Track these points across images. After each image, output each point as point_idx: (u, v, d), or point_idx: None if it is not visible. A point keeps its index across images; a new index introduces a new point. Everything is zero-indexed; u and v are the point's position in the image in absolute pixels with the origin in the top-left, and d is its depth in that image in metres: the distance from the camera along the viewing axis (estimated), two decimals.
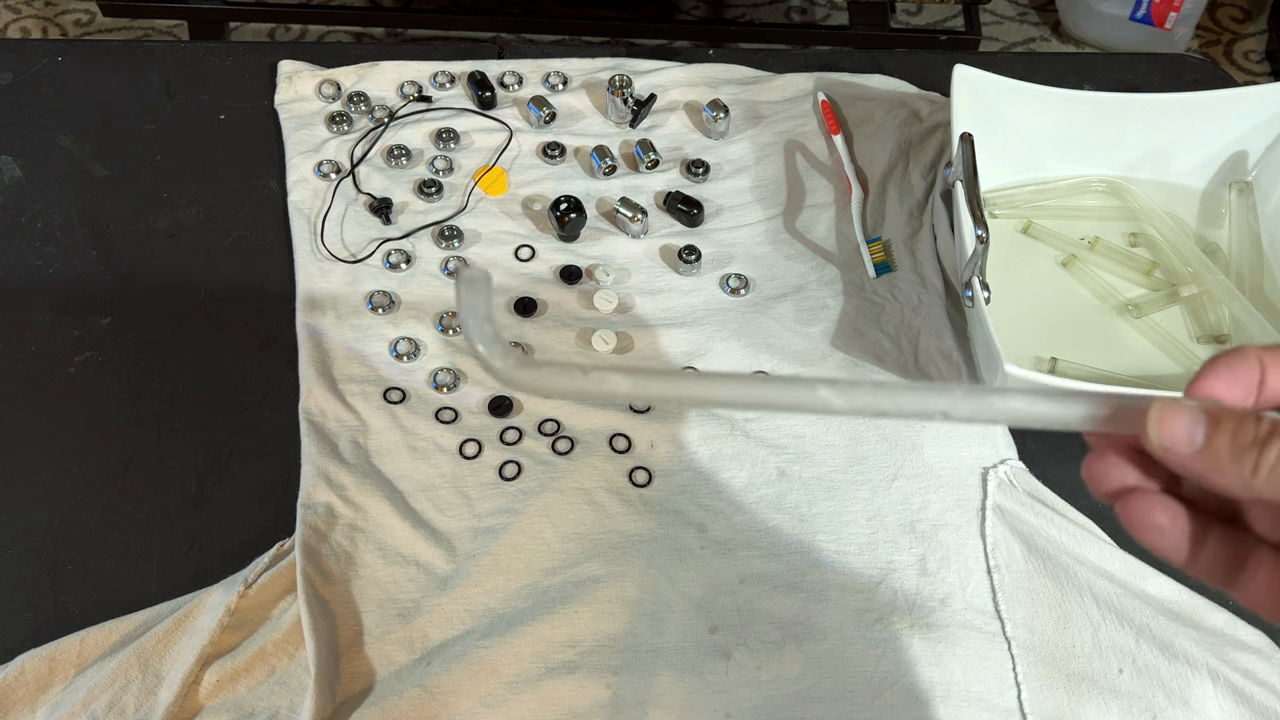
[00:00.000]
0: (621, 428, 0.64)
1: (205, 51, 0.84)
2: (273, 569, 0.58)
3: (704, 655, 0.56)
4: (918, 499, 0.61)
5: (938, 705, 0.54)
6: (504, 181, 0.76)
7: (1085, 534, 0.60)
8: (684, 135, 0.79)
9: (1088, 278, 0.70)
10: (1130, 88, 0.81)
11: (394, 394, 0.65)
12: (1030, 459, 0.64)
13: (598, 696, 0.55)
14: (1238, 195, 0.73)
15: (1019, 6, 1.85)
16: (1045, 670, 0.56)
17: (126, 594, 0.58)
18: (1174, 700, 0.55)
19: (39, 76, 0.82)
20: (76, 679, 0.55)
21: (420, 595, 0.58)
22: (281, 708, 0.54)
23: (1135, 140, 0.74)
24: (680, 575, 0.59)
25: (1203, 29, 1.80)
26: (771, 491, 0.62)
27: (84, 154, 0.77)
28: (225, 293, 0.71)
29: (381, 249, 0.72)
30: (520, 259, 0.72)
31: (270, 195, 0.75)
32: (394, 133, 0.78)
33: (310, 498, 0.61)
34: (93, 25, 1.79)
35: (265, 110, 0.80)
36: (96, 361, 0.68)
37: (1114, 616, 0.57)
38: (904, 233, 0.72)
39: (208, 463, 0.63)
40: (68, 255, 0.72)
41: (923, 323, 0.68)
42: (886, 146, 0.76)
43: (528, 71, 0.81)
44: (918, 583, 0.58)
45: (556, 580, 0.58)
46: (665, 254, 0.72)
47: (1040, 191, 0.74)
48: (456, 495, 0.61)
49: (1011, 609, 0.58)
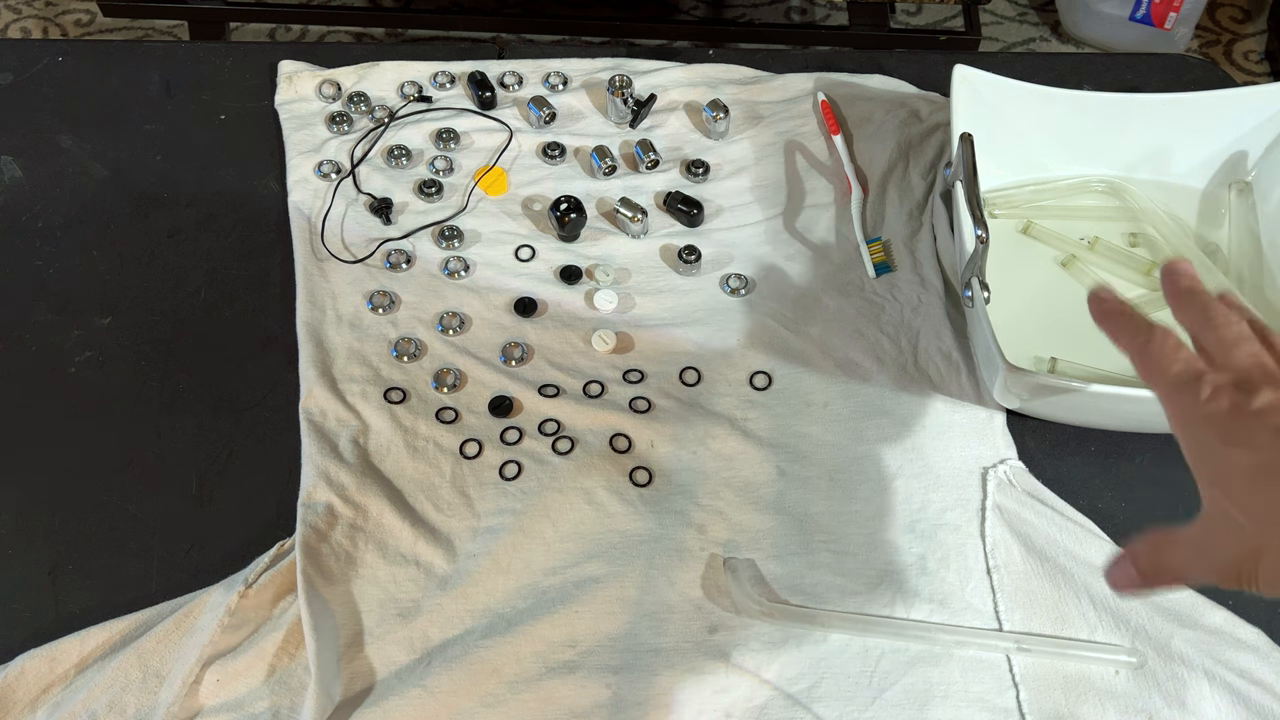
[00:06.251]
0: (622, 428, 0.64)
1: (205, 51, 0.84)
2: (273, 569, 0.58)
3: (704, 655, 0.56)
4: (918, 499, 0.61)
5: (937, 705, 0.55)
6: (504, 181, 0.76)
7: (1085, 533, 0.60)
8: (684, 135, 0.79)
9: (1087, 278, 0.71)
10: (1130, 88, 0.81)
11: (394, 394, 0.65)
12: (1030, 458, 0.64)
13: (598, 696, 0.55)
14: (1237, 195, 0.73)
15: (1019, 6, 1.85)
16: (1043, 671, 0.56)
17: (126, 594, 0.58)
18: (1170, 701, 0.55)
19: (39, 76, 0.82)
20: (76, 679, 0.55)
21: (420, 595, 0.58)
22: (281, 708, 0.54)
23: (1135, 140, 0.74)
24: (680, 575, 0.59)
25: (1202, 29, 1.80)
26: (771, 491, 0.62)
27: (84, 154, 0.78)
28: (225, 293, 0.71)
29: (382, 249, 0.72)
30: (520, 259, 0.72)
31: (270, 195, 0.75)
32: (394, 133, 0.78)
33: (310, 497, 0.61)
34: (93, 25, 1.79)
35: (265, 110, 0.80)
36: (96, 361, 0.68)
37: (1110, 618, 0.57)
38: (904, 233, 0.73)
39: (208, 463, 0.63)
40: (68, 255, 0.72)
41: (923, 323, 0.68)
42: (886, 146, 0.76)
43: (528, 71, 0.82)
44: (918, 583, 0.58)
45: (557, 580, 0.58)
46: (665, 254, 0.72)
47: (1040, 192, 0.74)
48: (457, 495, 0.61)
49: (1010, 609, 0.58)
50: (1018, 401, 0.63)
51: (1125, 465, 0.64)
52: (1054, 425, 0.65)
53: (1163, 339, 0.41)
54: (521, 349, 0.67)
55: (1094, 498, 0.62)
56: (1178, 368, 0.40)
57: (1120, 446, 0.65)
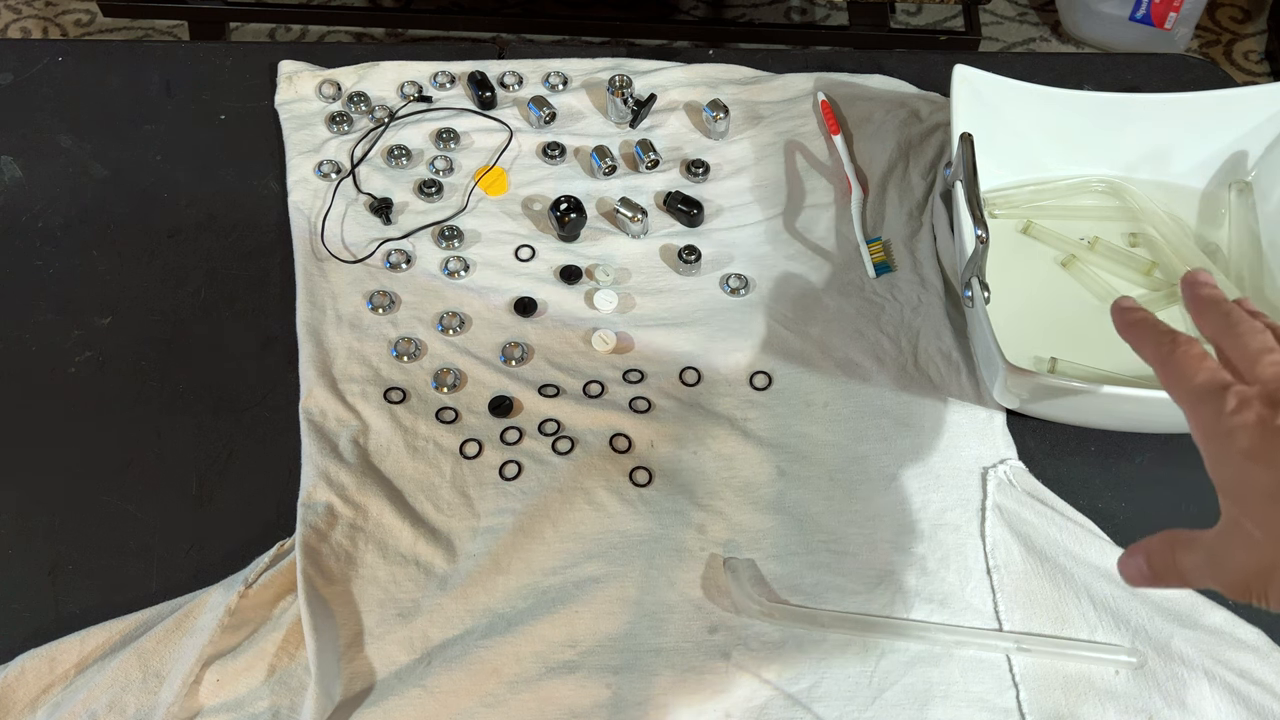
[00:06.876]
0: (622, 428, 0.64)
1: (205, 51, 0.84)
2: (273, 569, 0.58)
3: (704, 655, 0.56)
4: (918, 499, 0.61)
5: (937, 705, 0.55)
6: (504, 181, 0.76)
7: (1085, 533, 0.60)
8: (684, 135, 0.79)
9: (1087, 278, 0.71)
10: (1130, 88, 0.81)
11: (394, 394, 0.65)
12: (1030, 458, 0.64)
13: (598, 696, 0.55)
14: (1237, 195, 0.73)
15: (1019, 6, 1.85)
16: (1043, 671, 0.56)
17: (126, 594, 0.58)
18: (1170, 701, 0.55)
19: (39, 76, 0.82)
20: (77, 679, 0.55)
21: (420, 595, 0.58)
22: (281, 708, 0.54)
23: (1135, 140, 0.74)
24: (680, 575, 0.59)
25: (1202, 29, 1.80)
26: (771, 491, 0.62)
27: (84, 154, 0.78)
28: (225, 293, 0.71)
29: (382, 249, 0.72)
30: (520, 259, 0.72)
31: (270, 195, 0.75)
32: (394, 133, 0.78)
33: (310, 497, 0.61)
34: (93, 25, 1.79)
35: (265, 110, 0.80)
36: (96, 361, 0.68)
37: (1110, 618, 0.57)
38: (904, 233, 0.73)
39: (208, 463, 0.63)
40: (68, 255, 0.72)
41: (923, 323, 0.68)
42: (886, 146, 0.76)
43: (528, 71, 0.82)
44: (918, 583, 0.58)
45: (557, 580, 0.58)
46: (665, 254, 0.72)
47: (1040, 192, 0.74)
48: (457, 495, 0.61)
49: (1010, 609, 0.58)
50: (1018, 401, 0.63)
51: (1125, 465, 0.64)
52: (1054, 425, 0.65)
53: (1187, 348, 0.41)
54: (521, 349, 0.67)
55: (1094, 498, 0.62)
56: (1202, 377, 0.40)
57: (1120, 446, 0.65)
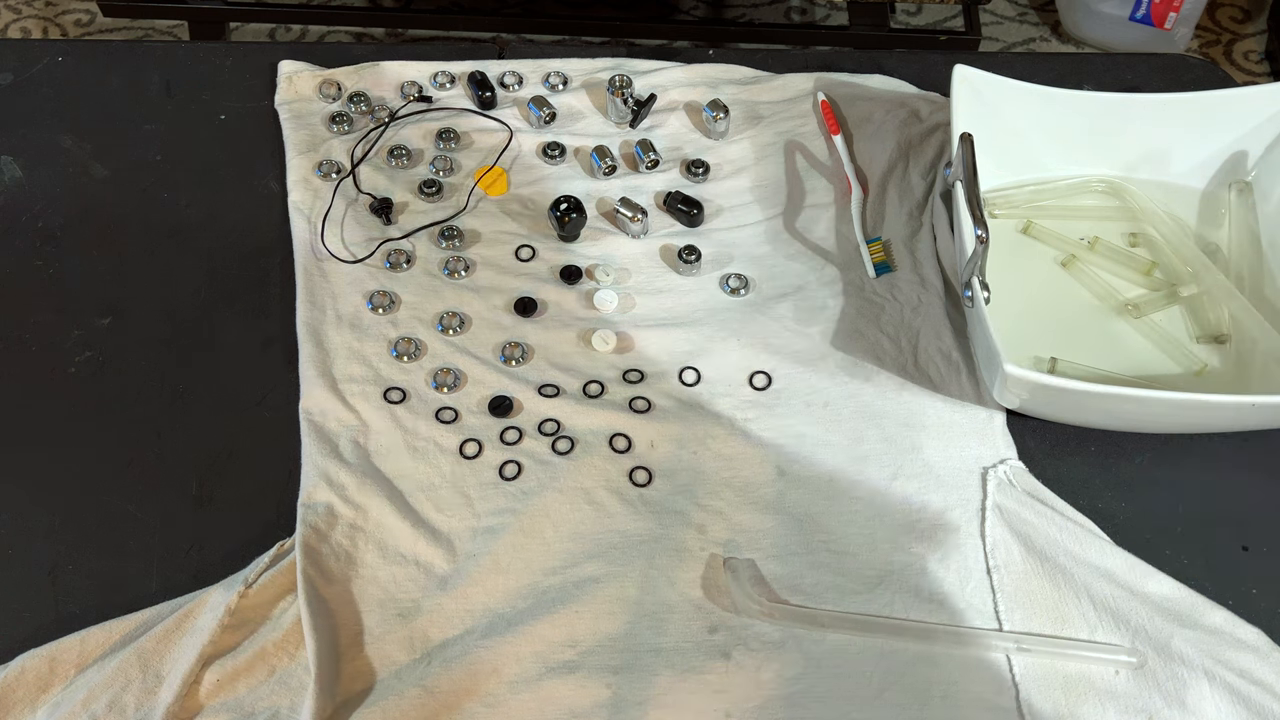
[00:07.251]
0: (621, 428, 0.64)
1: (205, 51, 0.84)
2: (273, 569, 0.58)
3: (704, 655, 0.56)
4: (918, 499, 0.61)
5: (937, 705, 0.55)
6: (504, 181, 0.76)
7: (1085, 533, 0.60)
8: (684, 135, 0.79)
9: (1087, 278, 0.71)
10: (1130, 88, 0.81)
11: (394, 394, 0.65)
12: (1030, 458, 0.64)
13: (598, 696, 0.55)
14: (1237, 195, 0.73)
15: (1019, 6, 1.85)
16: (1043, 671, 0.56)
17: (126, 594, 0.59)
18: (1170, 701, 0.55)
19: (39, 76, 0.82)
20: (77, 679, 0.55)
21: (420, 595, 0.58)
22: (281, 708, 0.54)
23: (1135, 140, 0.74)
24: (680, 575, 0.59)
25: (1202, 29, 1.80)
26: (771, 491, 0.62)
27: (84, 154, 0.78)
28: (225, 293, 0.71)
29: (382, 249, 0.72)
30: (520, 259, 0.72)
31: (270, 195, 0.75)
32: (394, 133, 0.78)
33: (310, 498, 0.61)
34: (93, 25, 1.79)
35: (265, 110, 0.80)
36: (96, 361, 0.68)
37: (1110, 618, 0.57)
38: (904, 233, 0.73)
39: (208, 463, 0.63)
40: (68, 255, 0.72)
41: (922, 323, 0.68)
42: (886, 146, 0.76)
43: (528, 71, 0.82)
44: (918, 583, 0.58)
45: (557, 580, 0.58)
46: (665, 254, 0.72)
47: (1040, 192, 0.74)
48: (457, 495, 0.61)
49: (1010, 610, 0.58)
50: (1018, 401, 0.63)
51: (1125, 465, 0.64)
52: (1054, 425, 0.65)
53: None
54: (521, 349, 0.67)
55: (1094, 498, 0.62)
56: None
57: (1120, 446, 0.65)
